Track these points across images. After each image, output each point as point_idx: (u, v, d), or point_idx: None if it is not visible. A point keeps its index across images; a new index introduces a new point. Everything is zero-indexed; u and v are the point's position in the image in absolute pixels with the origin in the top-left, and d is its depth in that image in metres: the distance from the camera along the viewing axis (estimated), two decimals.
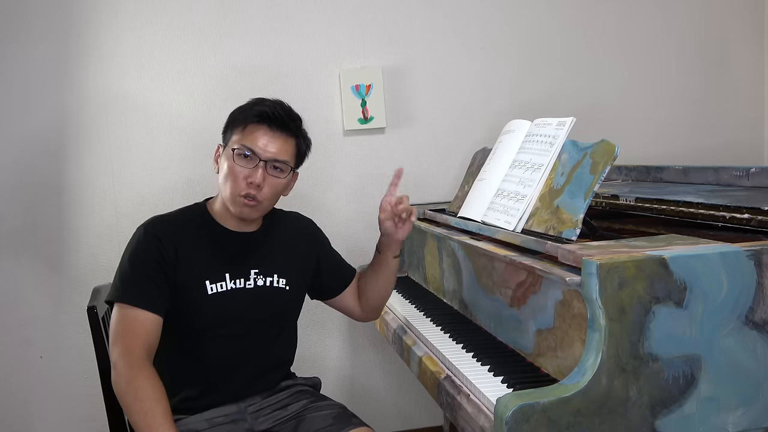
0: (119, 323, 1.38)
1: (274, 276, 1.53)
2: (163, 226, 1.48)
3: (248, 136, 1.44)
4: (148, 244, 1.44)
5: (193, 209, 1.55)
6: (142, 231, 1.46)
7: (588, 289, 1.06)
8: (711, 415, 1.09)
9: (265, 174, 1.43)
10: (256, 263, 1.51)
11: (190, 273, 1.45)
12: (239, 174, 1.42)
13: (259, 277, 1.51)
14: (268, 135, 1.45)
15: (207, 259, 1.47)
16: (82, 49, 2.25)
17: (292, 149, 1.49)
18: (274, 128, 1.45)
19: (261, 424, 1.49)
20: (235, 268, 1.49)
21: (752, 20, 2.67)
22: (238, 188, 1.43)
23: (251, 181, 1.42)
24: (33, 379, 2.31)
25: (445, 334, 1.56)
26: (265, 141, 1.44)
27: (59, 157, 2.27)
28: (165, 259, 1.43)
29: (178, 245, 1.45)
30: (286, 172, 1.47)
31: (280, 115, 1.46)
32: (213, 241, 1.49)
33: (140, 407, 1.29)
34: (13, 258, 2.27)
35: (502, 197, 1.57)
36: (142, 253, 1.43)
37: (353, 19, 2.40)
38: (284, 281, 1.54)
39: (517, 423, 0.99)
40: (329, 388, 2.35)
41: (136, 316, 1.38)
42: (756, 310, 1.10)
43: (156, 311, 1.40)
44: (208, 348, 1.47)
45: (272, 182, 1.45)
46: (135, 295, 1.39)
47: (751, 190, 1.61)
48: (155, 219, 1.50)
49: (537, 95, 2.52)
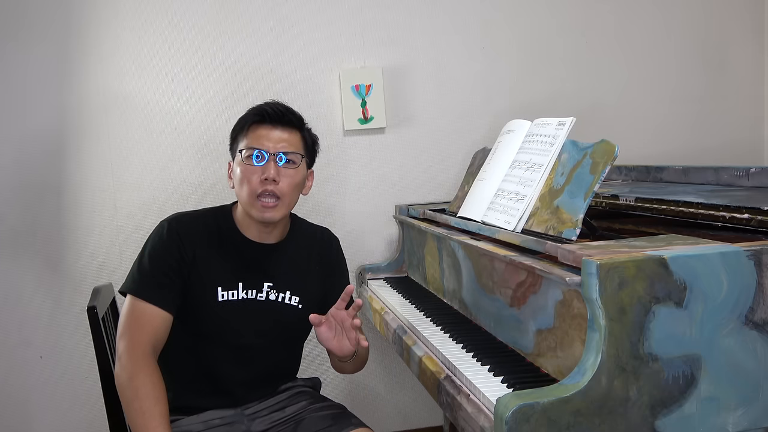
0: (129, 315, 1.39)
1: (287, 293, 1.52)
2: (187, 224, 1.47)
3: (252, 136, 1.45)
4: (170, 241, 1.44)
5: (217, 212, 1.54)
6: (165, 227, 1.46)
7: (588, 289, 1.06)
8: (711, 415, 1.09)
9: (277, 168, 1.43)
10: (271, 277, 1.50)
11: (204, 277, 1.45)
12: (252, 174, 1.42)
13: (272, 291, 1.50)
14: (272, 130, 1.45)
15: (222, 266, 1.47)
16: (82, 48, 2.26)
17: (298, 140, 1.48)
18: (275, 123, 1.46)
19: (258, 426, 1.49)
20: (249, 278, 1.48)
21: (752, 20, 2.67)
22: (254, 188, 1.42)
23: (266, 177, 1.41)
24: (33, 379, 2.31)
25: (445, 334, 1.56)
26: (270, 136, 1.44)
27: (59, 157, 2.27)
28: (183, 258, 1.43)
29: (197, 247, 1.45)
30: (298, 163, 1.47)
31: (280, 111, 1.47)
32: (231, 249, 1.49)
33: (139, 406, 1.30)
34: (13, 258, 2.27)
35: (502, 197, 1.57)
36: (163, 249, 1.43)
37: (353, 19, 2.40)
38: (297, 299, 1.52)
39: (517, 423, 0.99)
40: (329, 389, 2.36)
41: (147, 311, 1.38)
42: (756, 310, 1.10)
43: (167, 309, 1.40)
44: (213, 353, 1.47)
45: (287, 174, 1.44)
46: (149, 290, 1.40)
47: (751, 190, 1.60)
48: (180, 216, 1.50)
49: (537, 95, 2.52)
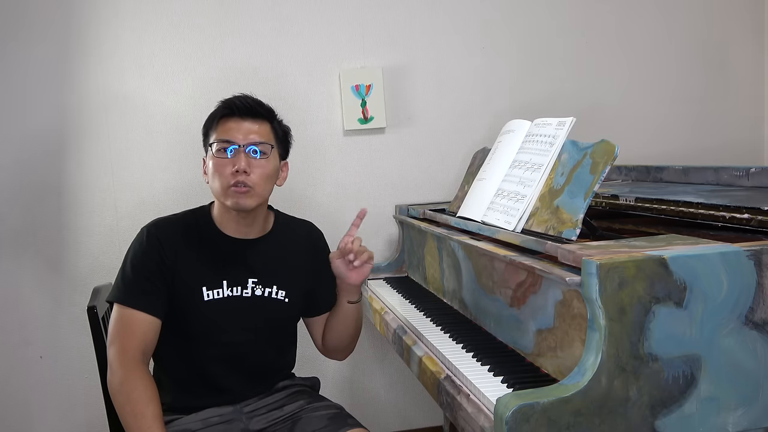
0: (117, 323, 1.39)
1: (273, 287, 1.52)
2: (165, 229, 1.48)
3: (222, 129, 1.46)
4: (150, 246, 1.44)
5: (197, 212, 1.54)
6: (144, 233, 1.47)
7: (588, 289, 1.06)
8: (711, 415, 1.09)
9: (248, 159, 1.43)
10: (255, 272, 1.50)
11: (187, 278, 1.45)
12: (224, 167, 1.43)
13: (257, 287, 1.50)
14: (241, 123, 1.45)
15: (205, 265, 1.47)
16: (82, 48, 2.26)
17: (268, 131, 1.48)
18: (244, 115, 1.46)
19: (256, 424, 1.49)
20: (233, 275, 1.48)
21: (752, 20, 2.67)
22: (225, 180, 1.42)
23: (237, 168, 1.41)
24: (33, 379, 2.31)
25: (445, 334, 1.56)
26: (239, 128, 1.45)
27: (59, 157, 2.27)
28: (165, 262, 1.43)
29: (178, 249, 1.45)
30: (268, 153, 1.46)
31: (248, 104, 1.47)
32: (213, 247, 1.49)
33: (131, 409, 1.30)
34: (13, 258, 2.27)
35: (502, 197, 1.57)
36: (144, 255, 1.44)
37: (353, 19, 2.40)
38: (283, 293, 1.53)
39: (517, 423, 0.99)
40: (328, 389, 2.36)
41: (134, 317, 1.39)
42: (756, 310, 1.10)
43: (154, 314, 1.40)
44: (205, 352, 1.47)
45: (258, 164, 1.44)
46: (135, 297, 1.40)
47: (751, 190, 1.60)
48: (159, 221, 1.50)
49: (537, 95, 2.52)
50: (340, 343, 1.63)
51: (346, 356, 1.69)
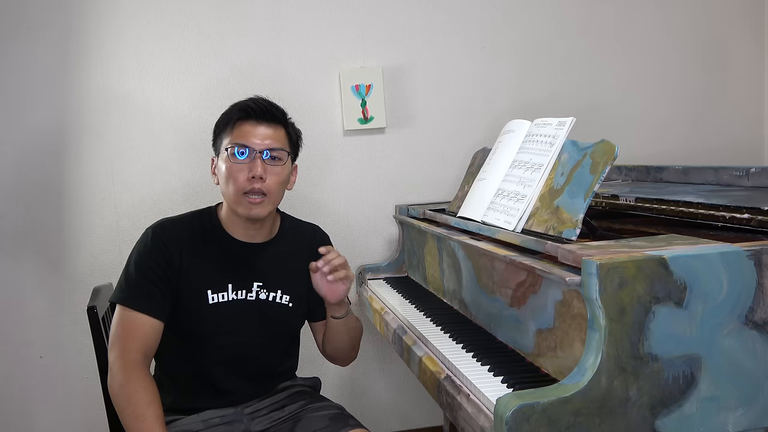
0: (119, 325, 1.39)
1: (278, 292, 1.51)
2: (171, 230, 1.47)
3: (238, 133, 1.44)
4: (155, 248, 1.43)
5: (203, 214, 1.53)
6: (150, 234, 1.46)
7: (588, 289, 1.06)
8: (711, 415, 1.09)
9: (264, 165, 1.42)
10: (260, 276, 1.50)
11: (192, 280, 1.44)
12: (239, 172, 1.41)
13: (262, 291, 1.50)
14: (257, 127, 1.44)
15: (211, 268, 1.46)
16: (82, 49, 2.25)
17: (283, 136, 1.48)
18: (260, 119, 1.45)
19: (257, 425, 1.49)
20: (238, 279, 1.48)
21: (752, 20, 2.67)
22: (240, 186, 1.41)
23: (253, 174, 1.40)
24: (33, 379, 2.31)
25: (445, 334, 1.56)
26: (256, 133, 1.43)
27: (59, 157, 2.27)
28: (170, 264, 1.43)
29: (183, 251, 1.44)
30: (284, 160, 1.46)
31: (264, 107, 1.46)
32: (219, 250, 1.48)
33: (132, 411, 1.30)
34: (13, 258, 2.27)
35: (502, 197, 1.57)
36: (148, 257, 1.43)
37: (353, 19, 2.40)
38: (288, 298, 1.53)
39: (517, 423, 0.99)
40: (329, 389, 2.36)
41: (136, 319, 1.38)
42: (756, 310, 1.10)
43: (157, 316, 1.40)
44: (208, 355, 1.47)
45: (274, 171, 1.44)
46: (137, 299, 1.39)
47: (751, 190, 1.60)
48: (164, 222, 1.49)
49: (537, 95, 2.52)
50: (338, 352, 1.63)
51: (347, 364, 1.69)
